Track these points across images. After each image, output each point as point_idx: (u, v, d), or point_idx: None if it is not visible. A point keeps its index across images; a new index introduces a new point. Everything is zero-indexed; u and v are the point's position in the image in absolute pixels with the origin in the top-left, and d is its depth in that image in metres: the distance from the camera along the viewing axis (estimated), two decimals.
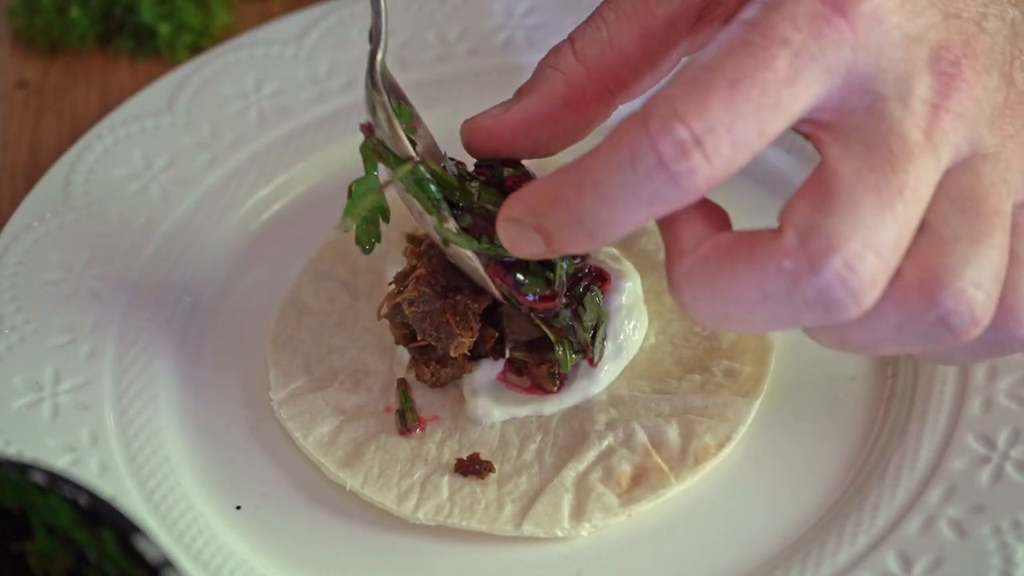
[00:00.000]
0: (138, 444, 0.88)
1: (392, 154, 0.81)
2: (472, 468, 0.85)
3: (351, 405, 0.89)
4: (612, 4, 0.80)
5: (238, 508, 0.87)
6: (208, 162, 1.02)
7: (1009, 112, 0.73)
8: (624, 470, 0.84)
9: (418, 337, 0.86)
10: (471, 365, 0.87)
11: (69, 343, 0.92)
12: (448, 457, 0.86)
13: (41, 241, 0.97)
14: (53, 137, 1.09)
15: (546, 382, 0.86)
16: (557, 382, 0.86)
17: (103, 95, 1.12)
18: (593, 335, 0.85)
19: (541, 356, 0.86)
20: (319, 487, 0.87)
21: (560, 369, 0.86)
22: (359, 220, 0.82)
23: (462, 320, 0.84)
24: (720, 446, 0.85)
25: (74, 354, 0.92)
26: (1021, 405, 0.83)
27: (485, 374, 0.87)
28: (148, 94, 1.06)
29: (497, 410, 0.87)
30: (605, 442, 0.85)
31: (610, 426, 0.86)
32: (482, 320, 0.85)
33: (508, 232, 0.75)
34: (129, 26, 1.14)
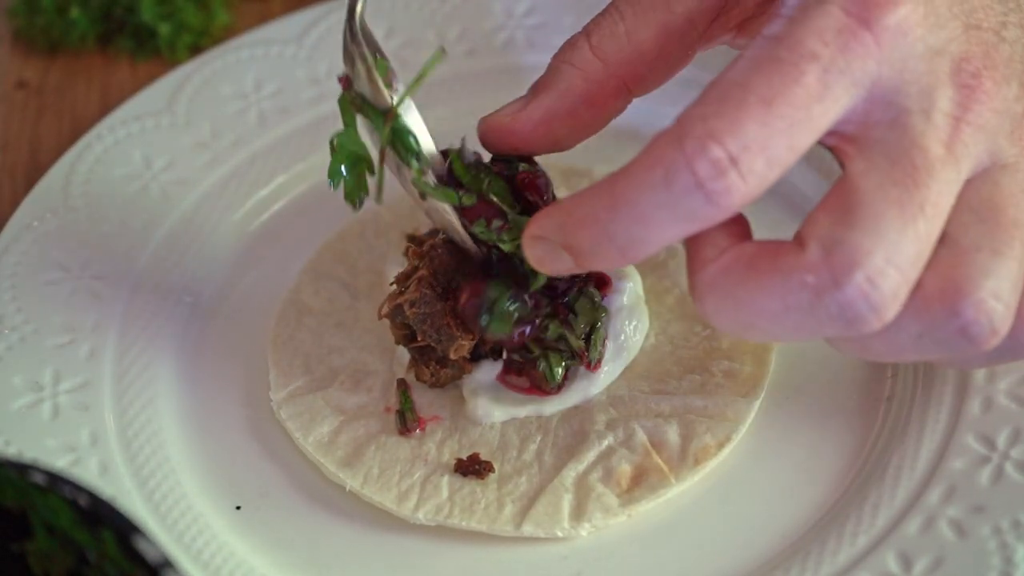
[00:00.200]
0: (138, 444, 0.88)
1: (371, 106, 0.80)
2: (472, 468, 0.85)
3: (351, 405, 0.89)
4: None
5: (238, 508, 0.87)
6: (208, 162, 1.02)
7: None
8: (624, 470, 0.84)
9: (418, 338, 0.86)
10: (471, 365, 0.87)
11: (69, 343, 0.92)
12: (448, 457, 0.86)
13: (41, 241, 0.97)
14: (53, 137, 1.09)
15: (544, 383, 0.86)
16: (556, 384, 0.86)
17: (103, 95, 1.12)
18: (589, 338, 0.85)
19: (536, 360, 0.86)
20: (319, 487, 0.87)
21: (549, 383, 0.86)
22: (345, 175, 0.82)
23: (463, 322, 0.84)
24: (720, 446, 0.85)
25: (74, 354, 0.92)
26: (1021, 405, 0.83)
27: (485, 374, 0.87)
28: (148, 94, 1.06)
29: (497, 410, 0.87)
30: (605, 442, 0.85)
31: (610, 426, 0.86)
32: None
33: (535, 250, 0.75)
34: (129, 26, 1.14)
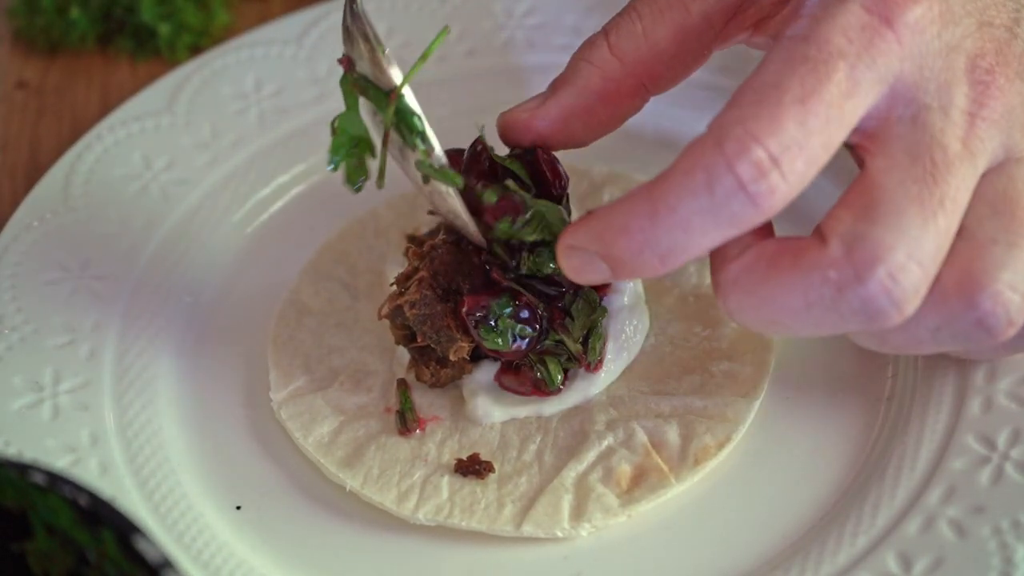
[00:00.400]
0: (138, 444, 0.88)
1: (374, 86, 0.79)
2: (472, 468, 0.85)
3: (351, 405, 0.89)
4: None
5: (238, 508, 0.87)
6: (208, 162, 1.02)
7: None
8: (624, 470, 0.84)
9: (418, 339, 0.86)
10: (471, 366, 0.87)
11: (69, 343, 0.92)
12: (448, 457, 0.86)
13: (41, 241, 0.97)
14: (53, 137, 1.09)
15: (543, 386, 0.86)
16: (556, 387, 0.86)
17: (103, 95, 1.12)
18: (586, 340, 0.85)
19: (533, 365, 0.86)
20: (319, 487, 0.87)
21: (548, 387, 0.86)
22: (345, 159, 0.81)
23: (463, 324, 0.84)
24: (720, 446, 0.85)
25: (74, 354, 0.92)
26: (1021, 405, 0.83)
27: (485, 374, 0.87)
28: (148, 94, 1.06)
29: (497, 410, 0.87)
30: (605, 442, 0.85)
31: (610, 426, 0.86)
32: None
33: (570, 260, 0.75)
34: (129, 26, 1.14)
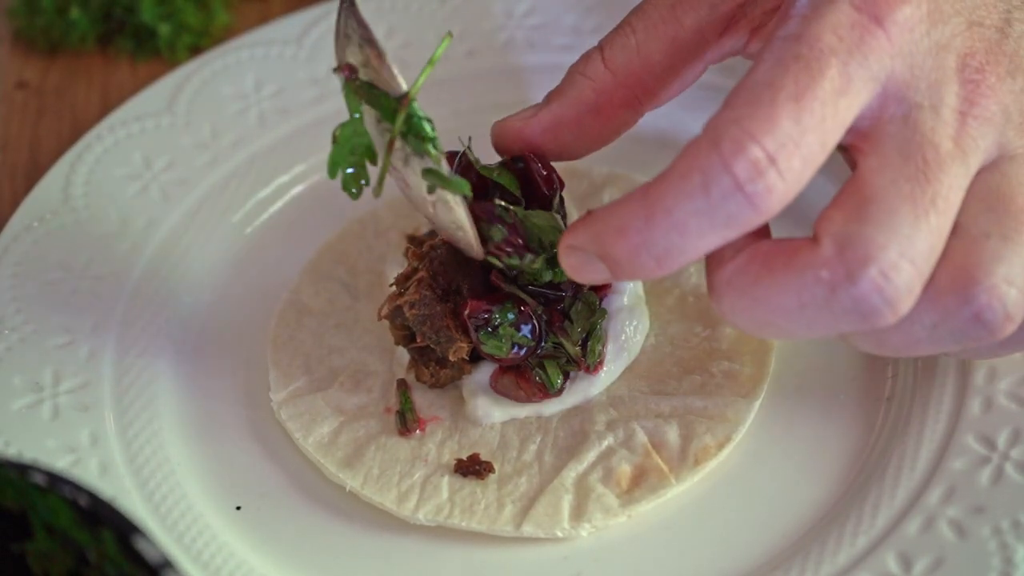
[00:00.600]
0: (138, 445, 0.88)
1: (382, 93, 0.78)
2: (472, 468, 0.85)
3: (351, 406, 0.89)
4: (640, 13, 0.82)
5: (238, 508, 0.87)
6: (208, 162, 1.02)
7: None
8: (624, 471, 0.84)
9: (418, 339, 0.86)
10: (471, 366, 0.87)
11: (69, 344, 0.92)
12: (448, 458, 0.86)
13: (41, 241, 0.97)
14: (53, 137, 1.09)
15: (541, 389, 0.86)
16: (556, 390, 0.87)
17: (103, 95, 1.12)
18: (585, 343, 0.85)
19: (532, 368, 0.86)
20: (319, 487, 0.87)
21: (548, 390, 0.86)
22: (346, 164, 0.81)
23: (462, 324, 0.84)
24: (720, 447, 0.85)
25: (74, 355, 0.92)
26: (1021, 405, 0.83)
27: (485, 375, 0.87)
28: (148, 94, 1.06)
29: (497, 411, 0.87)
30: (605, 442, 0.85)
31: (610, 427, 0.86)
32: None
33: (570, 259, 0.76)
34: (129, 26, 1.14)
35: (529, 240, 0.81)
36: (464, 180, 0.79)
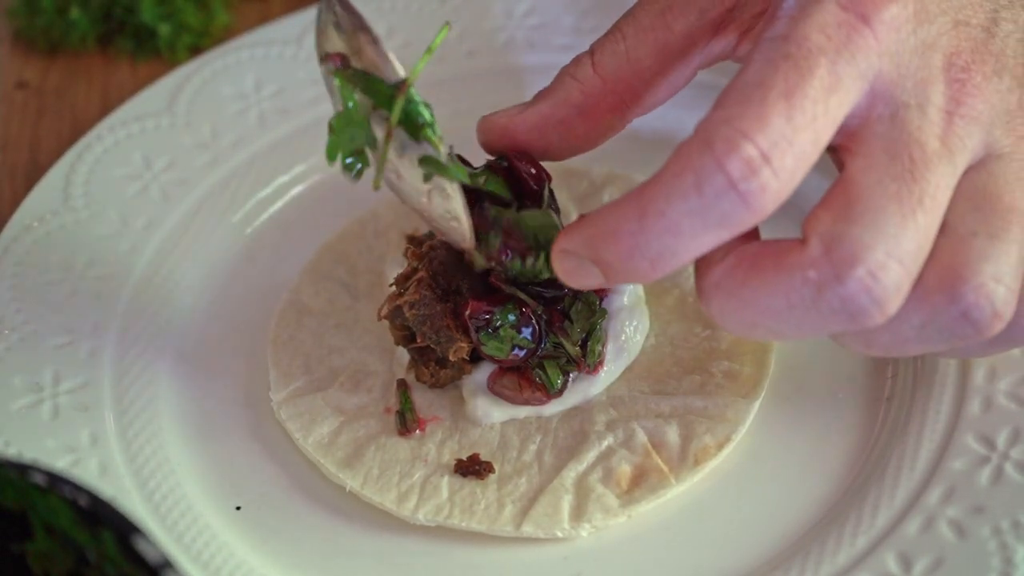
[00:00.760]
0: (138, 445, 0.88)
1: (378, 80, 0.77)
2: (472, 469, 0.85)
3: (351, 406, 0.89)
4: (630, 18, 0.82)
5: (238, 508, 0.87)
6: (208, 163, 1.02)
7: (1021, 113, 0.74)
8: (624, 471, 0.84)
9: (418, 339, 0.86)
10: (471, 366, 0.87)
11: (69, 344, 0.92)
12: (448, 458, 0.86)
13: (41, 241, 0.97)
14: (53, 137, 1.09)
15: (542, 390, 0.86)
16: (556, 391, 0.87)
17: (103, 95, 1.12)
18: (585, 343, 0.85)
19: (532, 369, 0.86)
20: (319, 487, 0.87)
21: (548, 392, 0.86)
22: (345, 148, 0.80)
23: (462, 324, 0.84)
24: (720, 447, 0.85)
25: (74, 355, 0.92)
26: (1021, 405, 0.83)
27: (485, 375, 0.87)
28: (148, 94, 1.06)
29: (497, 411, 0.87)
30: (605, 443, 0.85)
31: (610, 427, 0.86)
32: None
33: (563, 263, 0.75)
34: (129, 26, 1.14)
35: (526, 240, 0.81)
36: (461, 167, 0.79)
